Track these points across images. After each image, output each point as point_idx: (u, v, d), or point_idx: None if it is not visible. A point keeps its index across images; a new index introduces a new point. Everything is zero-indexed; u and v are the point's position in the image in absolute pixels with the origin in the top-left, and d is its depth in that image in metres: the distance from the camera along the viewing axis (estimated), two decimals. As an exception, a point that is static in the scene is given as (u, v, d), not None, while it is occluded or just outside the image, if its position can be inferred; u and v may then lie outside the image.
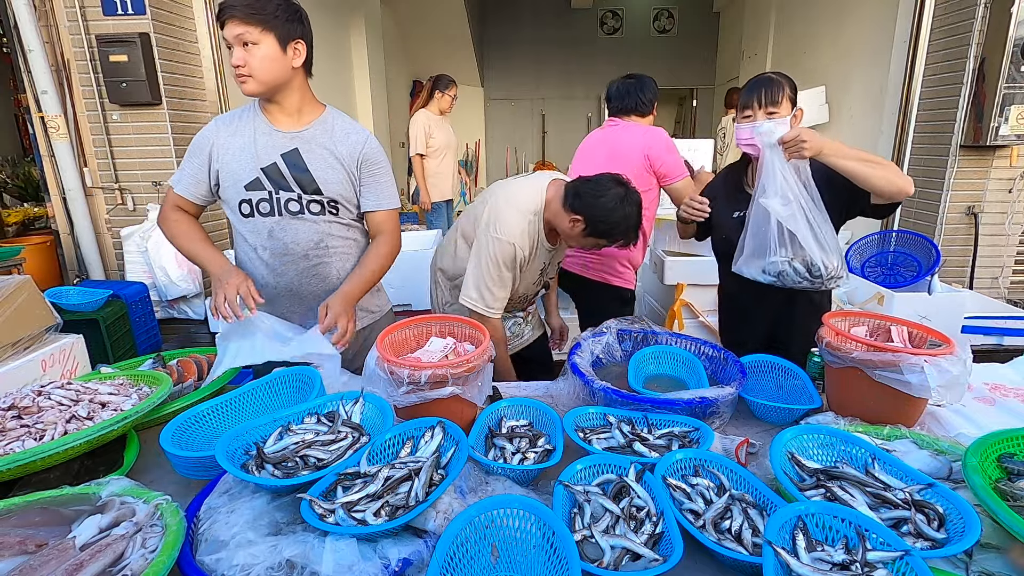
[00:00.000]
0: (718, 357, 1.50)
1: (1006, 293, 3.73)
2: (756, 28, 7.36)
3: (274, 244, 1.54)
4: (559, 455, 1.11)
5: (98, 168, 3.52)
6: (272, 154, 1.49)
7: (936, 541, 0.83)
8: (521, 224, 1.66)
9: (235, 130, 1.51)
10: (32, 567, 0.74)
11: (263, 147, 1.49)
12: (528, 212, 1.68)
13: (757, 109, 1.58)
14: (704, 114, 10.07)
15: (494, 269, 1.67)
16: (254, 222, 1.53)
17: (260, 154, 1.49)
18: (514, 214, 1.67)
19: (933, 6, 3.58)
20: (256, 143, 1.49)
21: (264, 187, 1.50)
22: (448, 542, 0.80)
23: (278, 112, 1.50)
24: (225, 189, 1.52)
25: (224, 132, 1.51)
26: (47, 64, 3.25)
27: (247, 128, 1.51)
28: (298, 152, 1.51)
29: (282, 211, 1.52)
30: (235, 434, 1.03)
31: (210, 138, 1.51)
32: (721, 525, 0.90)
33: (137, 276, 3.53)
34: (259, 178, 1.49)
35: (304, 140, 1.51)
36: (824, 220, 1.52)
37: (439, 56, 8.65)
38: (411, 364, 1.14)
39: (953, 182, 3.56)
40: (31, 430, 1.07)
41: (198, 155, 1.51)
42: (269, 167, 1.49)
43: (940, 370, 1.09)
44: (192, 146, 1.52)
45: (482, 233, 1.69)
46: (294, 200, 1.51)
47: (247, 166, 1.49)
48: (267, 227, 1.53)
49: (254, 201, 1.51)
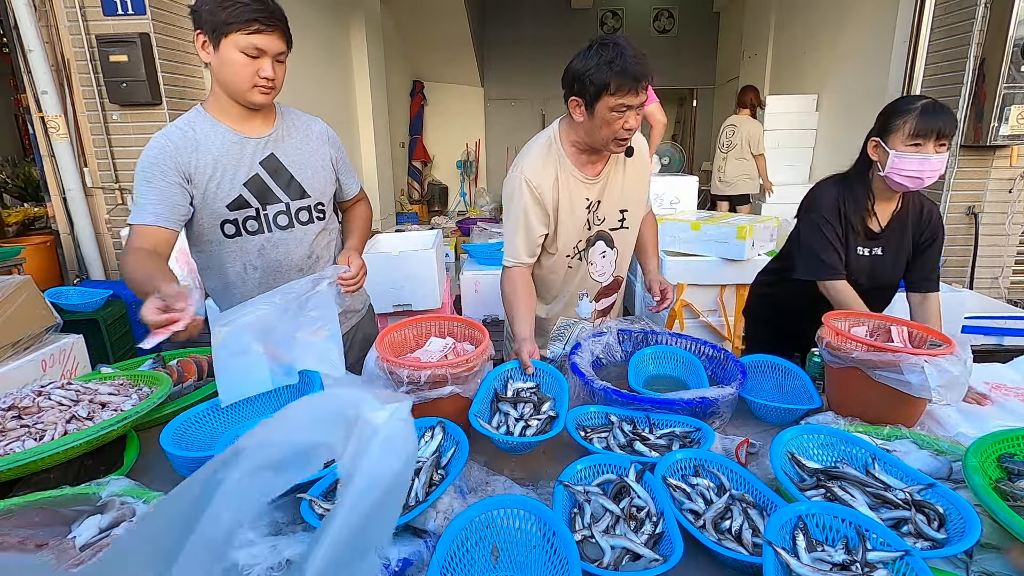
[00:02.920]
0: (718, 357, 1.50)
1: (1006, 293, 3.74)
2: (756, 28, 7.36)
3: (265, 262, 1.47)
4: (561, 424, 1.14)
5: (98, 168, 3.52)
6: (250, 165, 1.40)
7: (936, 541, 0.83)
8: (532, 153, 1.56)
9: (195, 145, 1.35)
10: (32, 567, 0.74)
11: (237, 159, 1.39)
12: (540, 144, 1.57)
13: (931, 141, 1.44)
14: (704, 114, 10.08)
15: (509, 206, 1.57)
16: (240, 241, 1.44)
17: (237, 168, 1.39)
18: (526, 150, 1.60)
19: (933, 6, 3.58)
20: (227, 156, 1.38)
21: (249, 204, 1.41)
22: (448, 542, 0.80)
23: (248, 117, 1.41)
24: (201, 212, 1.39)
25: (184, 148, 1.35)
26: (47, 64, 3.25)
27: (210, 141, 1.37)
28: (275, 158, 1.44)
29: (271, 226, 1.45)
30: (235, 434, 1.03)
31: (170, 156, 1.33)
32: (721, 525, 0.90)
33: (137, 276, 3.53)
34: (242, 195, 1.39)
35: (277, 143, 1.45)
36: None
37: (439, 56, 8.66)
38: (411, 364, 1.14)
39: (953, 182, 3.56)
40: (31, 430, 1.07)
41: (161, 177, 1.32)
42: (250, 180, 1.40)
43: (940, 370, 1.09)
44: (145, 172, 1.33)
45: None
46: (283, 213, 1.46)
47: (225, 184, 1.37)
48: (256, 245, 1.45)
49: (240, 220, 1.41)
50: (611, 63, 1.36)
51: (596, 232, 1.65)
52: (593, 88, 1.40)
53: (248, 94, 1.34)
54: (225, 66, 1.31)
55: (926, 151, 1.44)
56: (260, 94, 1.34)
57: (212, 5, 1.27)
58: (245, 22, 1.26)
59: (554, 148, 1.56)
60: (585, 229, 1.63)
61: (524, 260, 1.59)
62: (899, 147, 1.47)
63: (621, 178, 1.64)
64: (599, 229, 1.65)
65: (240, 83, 1.32)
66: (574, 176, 1.56)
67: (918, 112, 1.44)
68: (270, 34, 1.29)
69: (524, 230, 1.56)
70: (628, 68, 1.35)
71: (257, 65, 1.31)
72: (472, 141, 9.75)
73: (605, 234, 1.66)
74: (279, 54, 1.33)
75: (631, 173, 1.66)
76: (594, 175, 1.59)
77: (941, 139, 1.44)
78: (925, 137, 1.43)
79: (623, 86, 1.37)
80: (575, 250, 1.64)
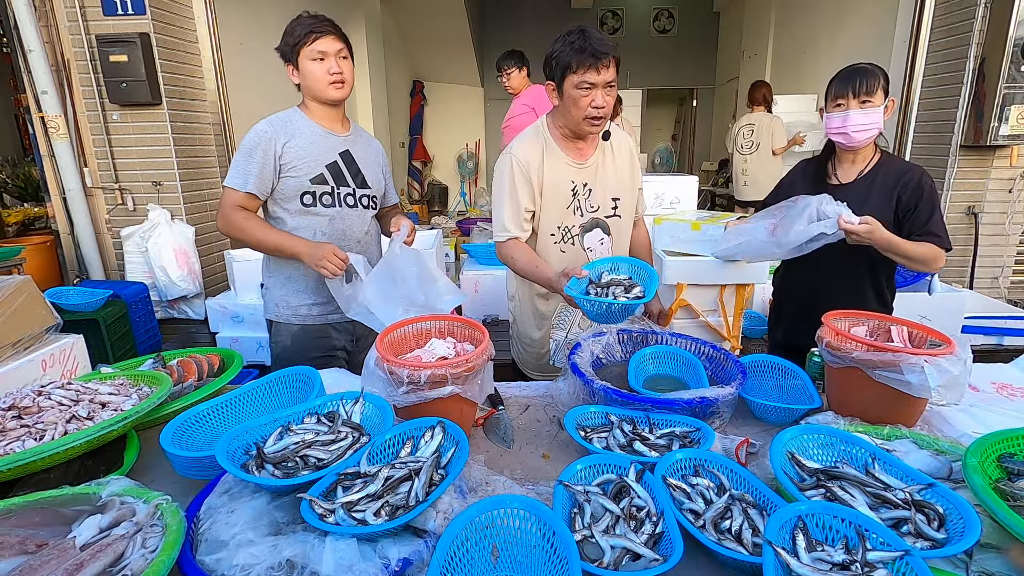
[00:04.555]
0: (718, 357, 1.50)
1: (1006, 293, 3.74)
2: (756, 28, 7.37)
3: (333, 231, 1.76)
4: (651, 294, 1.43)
5: (98, 168, 3.52)
6: (331, 153, 1.74)
7: (936, 541, 0.83)
8: (521, 137, 1.70)
9: (292, 132, 1.69)
10: (32, 567, 0.74)
11: (323, 147, 1.72)
12: (529, 131, 1.72)
13: (851, 99, 1.58)
14: (704, 114, 10.08)
15: (498, 186, 1.70)
16: (315, 211, 1.73)
17: (321, 153, 1.72)
18: (518, 138, 1.72)
19: (933, 6, 3.58)
20: (315, 144, 1.71)
21: (327, 182, 1.72)
22: (448, 542, 0.80)
23: (332, 119, 1.76)
24: (287, 182, 1.68)
25: (282, 133, 1.67)
26: (47, 64, 3.25)
27: (303, 131, 1.70)
28: (350, 153, 1.78)
29: (341, 203, 1.76)
30: (235, 434, 1.03)
31: (271, 138, 1.65)
32: (721, 525, 0.90)
33: (137, 276, 3.53)
34: (323, 173, 1.71)
35: (351, 143, 1.79)
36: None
37: (439, 56, 8.65)
38: (411, 364, 1.14)
39: (953, 182, 3.56)
40: (31, 430, 1.07)
41: (261, 153, 1.65)
42: (331, 164, 1.73)
43: (940, 370, 1.09)
44: (250, 146, 1.65)
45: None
46: (351, 195, 1.78)
47: (312, 163, 1.69)
48: (327, 216, 1.74)
49: (317, 193, 1.71)
50: (572, 44, 1.50)
51: (591, 219, 1.74)
52: (560, 69, 1.54)
53: (326, 91, 1.68)
54: (306, 76, 1.67)
55: (847, 108, 1.60)
56: (335, 89, 1.68)
57: (283, 40, 1.67)
58: (306, 35, 1.63)
59: (541, 133, 1.69)
60: (576, 214, 1.71)
61: (513, 232, 1.68)
62: (829, 109, 1.66)
63: (612, 168, 1.74)
64: (593, 216, 1.74)
65: (318, 83, 1.67)
66: (561, 159, 1.67)
67: (839, 76, 1.63)
68: (326, 37, 1.64)
69: (510, 203, 1.67)
70: (586, 46, 1.48)
71: (326, 65, 1.66)
72: (472, 141, 9.73)
73: (601, 221, 1.75)
74: (339, 51, 1.67)
75: (621, 164, 1.76)
76: (581, 159, 1.69)
77: (862, 95, 1.58)
78: (844, 96, 1.60)
79: (583, 63, 1.49)
80: (560, 230, 1.72)
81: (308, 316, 1.82)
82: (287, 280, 1.80)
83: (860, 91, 1.57)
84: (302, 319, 1.81)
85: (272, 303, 1.84)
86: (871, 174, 1.70)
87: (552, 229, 1.71)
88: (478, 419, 1.34)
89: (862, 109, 1.58)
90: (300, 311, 1.81)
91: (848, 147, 1.67)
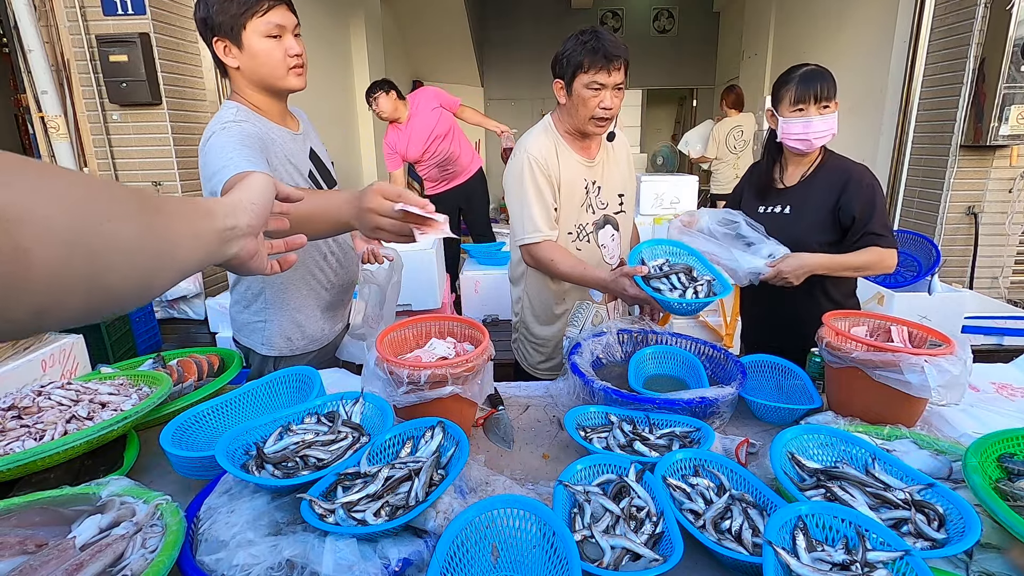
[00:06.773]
0: (718, 357, 1.50)
1: (1006, 293, 3.74)
2: (756, 28, 7.36)
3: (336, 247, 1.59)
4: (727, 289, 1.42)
5: (98, 168, 3.52)
6: (304, 159, 1.46)
7: (936, 541, 0.83)
8: (533, 136, 1.68)
9: (264, 141, 1.34)
10: (32, 567, 0.74)
11: (293, 154, 1.42)
12: (539, 129, 1.71)
13: (812, 104, 1.57)
14: (704, 114, 10.05)
15: (519, 188, 1.64)
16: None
17: (297, 162, 1.43)
18: (526, 137, 1.72)
19: (933, 6, 3.58)
20: (286, 151, 1.39)
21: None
22: (448, 542, 0.80)
23: (283, 113, 1.44)
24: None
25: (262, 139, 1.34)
26: (47, 64, 3.25)
27: (270, 138, 1.36)
28: (313, 151, 1.52)
29: None
30: (235, 434, 1.03)
31: (257, 136, 1.32)
32: (721, 525, 0.90)
33: (137, 276, 3.52)
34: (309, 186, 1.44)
35: (308, 138, 1.52)
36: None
37: (439, 56, 8.65)
38: (411, 364, 1.14)
39: (953, 182, 3.56)
40: (31, 430, 1.07)
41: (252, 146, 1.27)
42: (309, 174, 1.46)
43: (940, 370, 1.09)
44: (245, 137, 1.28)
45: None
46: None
47: (294, 176, 1.41)
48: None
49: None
50: (585, 44, 1.50)
51: (602, 216, 1.75)
52: (570, 68, 1.54)
53: (286, 79, 1.33)
54: (256, 58, 1.29)
55: (808, 114, 1.58)
56: (296, 76, 1.35)
57: (217, 5, 1.26)
58: (256, 3, 1.25)
59: (551, 132, 1.69)
60: (589, 212, 1.72)
61: (547, 232, 1.65)
62: (785, 114, 1.62)
63: (615, 165, 1.77)
64: (604, 213, 1.76)
65: (275, 68, 1.31)
66: (572, 157, 1.67)
67: (797, 80, 1.59)
68: (280, 8, 1.29)
69: (539, 202, 1.64)
70: (599, 47, 1.48)
71: (284, 44, 1.30)
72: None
73: (611, 218, 1.78)
74: (295, 27, 1.33)
75: (622, 159, 1.80)
76: (590, 158, 1.71)
77: (822, 101, 1.57)
78: (806, 102, 1.57)
79: (595, 64, 1.49)
80: (577, 228, 1.72)
81: (323, 338, 1.64)
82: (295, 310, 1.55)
83: (821, 96, 1.56)
84: (319, 343, 1.62)
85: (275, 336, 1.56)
86: (812, 175, 1.71)
87: (570, 227, 1.70)
88: (478, 419, 1.34)
89: (821, 115, 1.57)
90: (316, 336, 1.61)
91: (805, 152, 1.66)
